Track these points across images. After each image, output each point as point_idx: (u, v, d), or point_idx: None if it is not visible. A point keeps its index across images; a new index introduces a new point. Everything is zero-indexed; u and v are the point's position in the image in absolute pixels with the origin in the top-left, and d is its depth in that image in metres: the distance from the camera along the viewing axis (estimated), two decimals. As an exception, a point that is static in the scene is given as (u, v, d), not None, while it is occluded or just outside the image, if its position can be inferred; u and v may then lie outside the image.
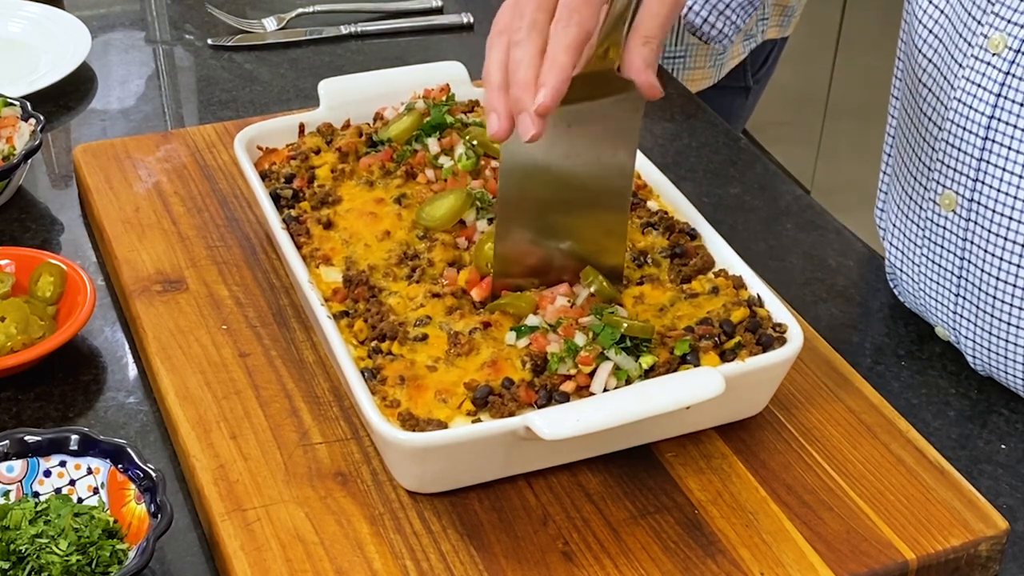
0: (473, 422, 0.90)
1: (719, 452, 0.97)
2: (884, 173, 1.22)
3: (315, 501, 0.92)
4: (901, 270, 1.16)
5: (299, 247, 1.06)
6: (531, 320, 0.96)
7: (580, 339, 0.93)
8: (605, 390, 0.91)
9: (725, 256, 1.05)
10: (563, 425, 0.86)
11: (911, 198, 1.13)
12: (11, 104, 1.29)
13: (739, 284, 1.02)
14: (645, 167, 1.15)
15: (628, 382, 0.92)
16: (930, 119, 1.09)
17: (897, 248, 1.16)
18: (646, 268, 1.04)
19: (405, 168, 1.12)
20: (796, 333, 0.96)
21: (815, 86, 3.68)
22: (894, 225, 1.16)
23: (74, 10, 1.65)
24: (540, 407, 0.91)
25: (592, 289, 0.99)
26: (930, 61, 1.09)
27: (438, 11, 1.70)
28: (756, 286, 1.01)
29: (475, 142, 1.14)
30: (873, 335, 1.16)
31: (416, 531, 0.90)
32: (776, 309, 0.99)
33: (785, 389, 1.01)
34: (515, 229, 0.99)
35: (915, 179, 1.12)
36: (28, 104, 1.30)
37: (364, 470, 0.94)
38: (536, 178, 0.97)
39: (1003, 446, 1.04)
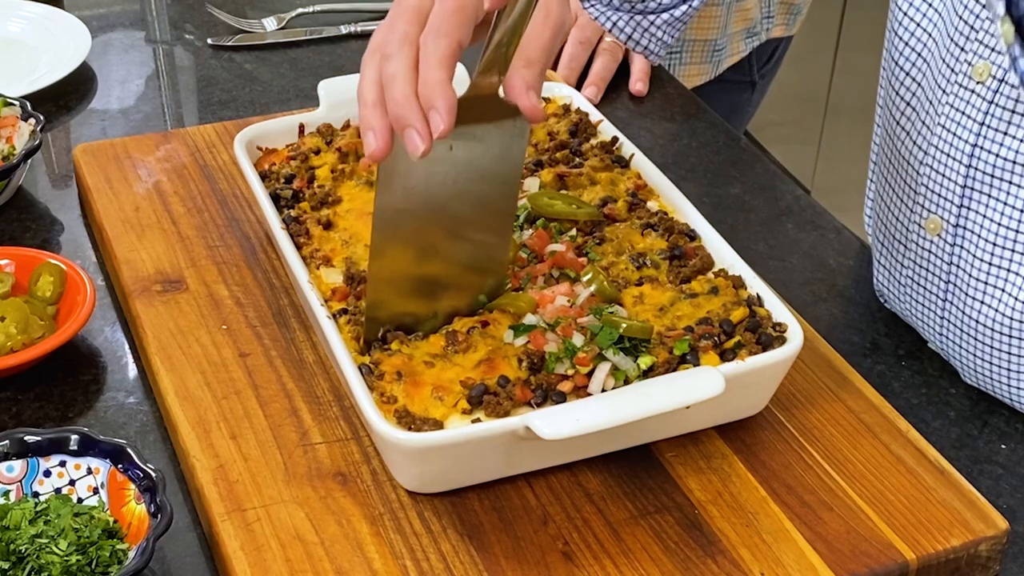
0: (472, 422, 0.90)
1: (719, 452, 0.97)
2: (871, 181, 1.22)
3: (315, 501, 0.92)
4: (888, 288, 1.16)
5: (299, 247, 1.06)
6: (529, 319, 0.96)
7: (578, 339, 0.93)
8: (603, 391, 0.92)
9: (725, 256, 1.05)
10: (563, 425, 0.86)
11: (897, 219, 1.13)
12: (11, 104, 1.29)
13: (739, 284, 1.02)
14: (645, 167, 1.15)
15: (627, 382, 0.92)
16: (914, 142, 1.09)
17: (884, 267, 1.16)
18: (645, 270, 1.04)
19: (405, 168, 1.12)
20: (796, 333, 0.96)
21: (815, 86, 3.68)
22: (881, 243, 1.16)
23: (74, 10, 1.65)
24: (537, 405, 0.91)
25: (592, 289, 0.99)
26: (916, 83, 1.09)
27: (438, 11, 1.70)
28: (756, 286, 1.01)
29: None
30: (873, 335, 1.16)
31: (416, 531, 0.90)
32: (776, 309, 0.99)
33: (785, 389, 1.01)
34: (392, 249, 0.96)
35: (901, 201, 1.12)
36: (28, 104, 1.30)
37: (364, 470, 0.94)
38: (416, 198, 0.94)
39: (1003, 446, 1.04)
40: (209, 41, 1.62)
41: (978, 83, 1.01)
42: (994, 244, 1.02)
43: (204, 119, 1.47)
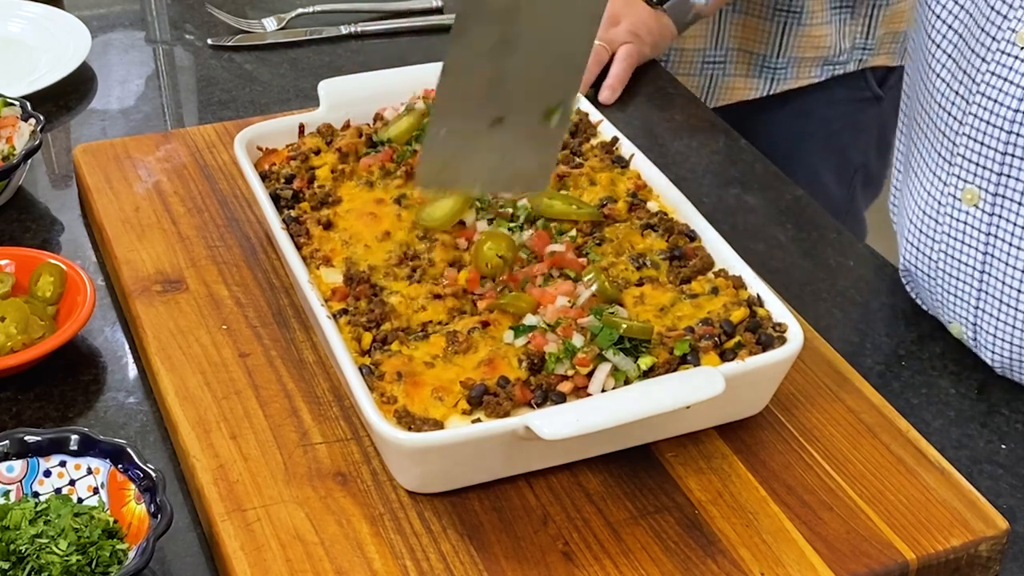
0: (473, 422, 0.90)
1: (719, 452, 0.97)
2: (897, 170, 1.21)
3: (315, 501, 0.92)
4: (917, 267, 1.15)
5: (299, 247, 1.06)
6: (530, 319, 0.96)
7: (578, 340, 0.93)
8: (603, 391, 0.91)
9: (725, 256, 1.05)
10: (563, 425, 0.86)
11: (929, 194, 1.13)
12: (11, 104, 1.29)
13: (739, 284, 1.02)
14: (645, 167, 1.15)
15: (627, 383, 0.92)
16: (950, 114, 1.09)
17: (913, 244, 1.16)
18: (645, 270, 1.04)
19: (405, 168, 1.12)
20: (796, 333, 0.96)
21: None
22: (910, 221, 1.16)
23: (74, 10, 1.65)
24: (537, 406, 0.91)
25: (593, 289, 0.99)
26: (949, 56, 1.09)
27: (438, 11, 1.70)
28: (756, 286, 1.01)
29: (475, 142, 1.14)
30: (873, 335, 1.15)
31: (416, 531, 0.90)
32: (776, 309, 0.99)
33: (785, 389, 1.01)
34: (472, 38, 0.90)
35: (934, 175, 1.12)
36: (28, 104, 1.30)
37: (364, 470, 0.95)
38: None
39: (1003, 446, 1.04)
40: (209, 41, 1.62)
41: (1022, 48, 1.01)
42: None
43: (204, 119, 1.47)
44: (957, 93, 1.08)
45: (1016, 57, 1.02)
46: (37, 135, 1.26)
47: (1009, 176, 1.04)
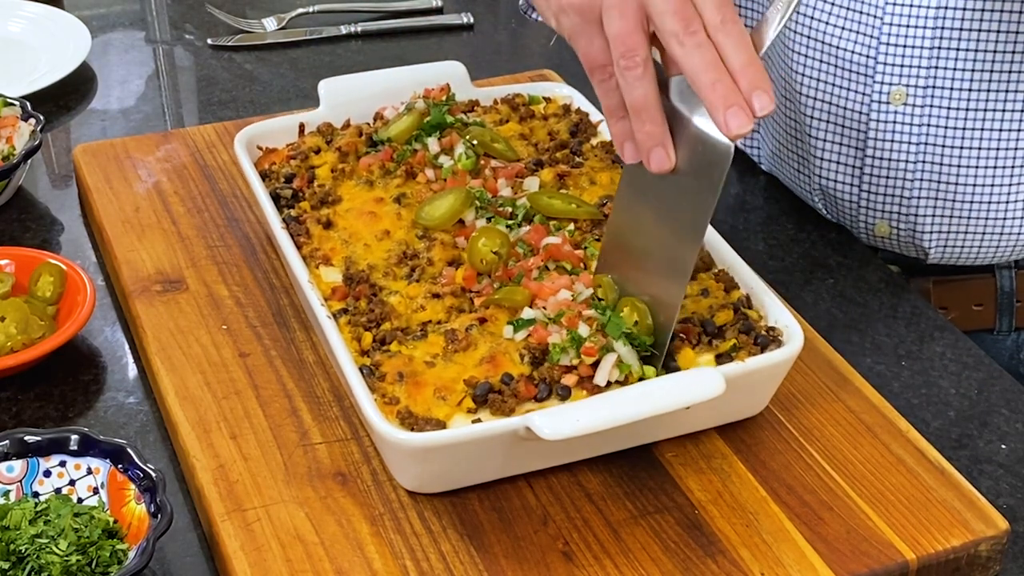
0: (473, 422, 0.90)
1: (719, 452, 0.97)
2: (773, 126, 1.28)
3: (315, 501, 0.92)
4: (840, 182, 1.21)
5: (299, 247, 1.06)
6: (527, 313, 0.96)
7: (584, 329, 0.93)
8: (608, 383, 0.91)
9: (725, 256, 1.05)
10: (563, 425, 0.86)
11: (850, 109, 1.18)
12: (11, 104, 1.29)
13: (731, 285, 1.02)
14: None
15: (630, 374, 0.92)
16: (861, 33, 1.14)
17: (833, 161, 1.22)
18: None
19: (405, 168, 1.12)
20: (796, 333, 0.96)
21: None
22: (823, 143, 1.22)
23: (74, 10, 1.65)
24: (540, 400, 0.91)
25: (589, 293, 0.98)
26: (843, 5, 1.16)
27: (438, 11, 1.71)
28: (756, 286, 1.01)
29: (475, 142, 1.14)
30: (873, 335, 1.15)
31: (416, 531, 0.90)
32: (776, 309, 0.99)
33: (785, 389, 1.01)
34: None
35: (847, 90, 1.18)
36: (28, 104, 1.30)
37: (364, 470, 0.95)
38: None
39: (1003, 446, 1.04)
40: (209, 41, 1.62)
41: None
42: (969, 90, 1.09)
43: (204, 119, 1.47)
44: (864, 12, 1.14)
45: None
46: (37, 135, 1.26)
47: (938, 67, 1.11)
